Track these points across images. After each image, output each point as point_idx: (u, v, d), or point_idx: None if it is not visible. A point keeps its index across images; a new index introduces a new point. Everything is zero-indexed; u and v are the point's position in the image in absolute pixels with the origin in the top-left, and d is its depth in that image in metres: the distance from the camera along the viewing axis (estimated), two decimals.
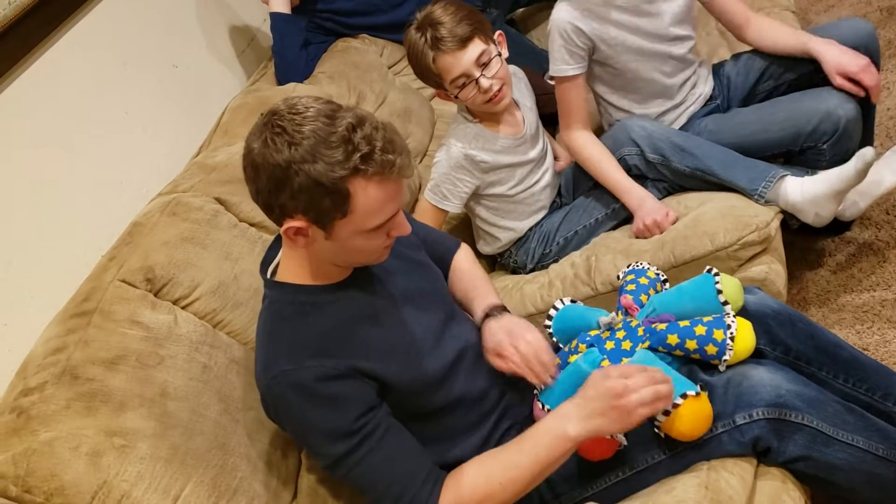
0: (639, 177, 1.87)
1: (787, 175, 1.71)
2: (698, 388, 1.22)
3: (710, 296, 1.36)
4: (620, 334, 1.38)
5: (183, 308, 1.47)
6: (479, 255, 2.01)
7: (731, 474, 1.24)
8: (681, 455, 1.27)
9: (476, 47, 1.73)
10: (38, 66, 1.69)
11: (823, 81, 1.83)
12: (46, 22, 1.73)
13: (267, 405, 1.27)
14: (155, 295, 1.45)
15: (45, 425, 1.20)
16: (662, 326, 1.34)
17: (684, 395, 1.21)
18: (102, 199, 1.74)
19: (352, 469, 1.20)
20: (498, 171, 1.90)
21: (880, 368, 1.41)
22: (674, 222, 1.77)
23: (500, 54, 1.79)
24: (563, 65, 1.87)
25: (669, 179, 1.85)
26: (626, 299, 1.45)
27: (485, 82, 1.75)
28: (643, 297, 1.45)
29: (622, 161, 1.87)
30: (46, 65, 1.71)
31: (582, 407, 1.17)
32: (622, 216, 1.89)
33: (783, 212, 1.72)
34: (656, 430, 1.26)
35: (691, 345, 1.31)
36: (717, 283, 1.36)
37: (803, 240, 2.03)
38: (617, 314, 1.43)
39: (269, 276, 1.32)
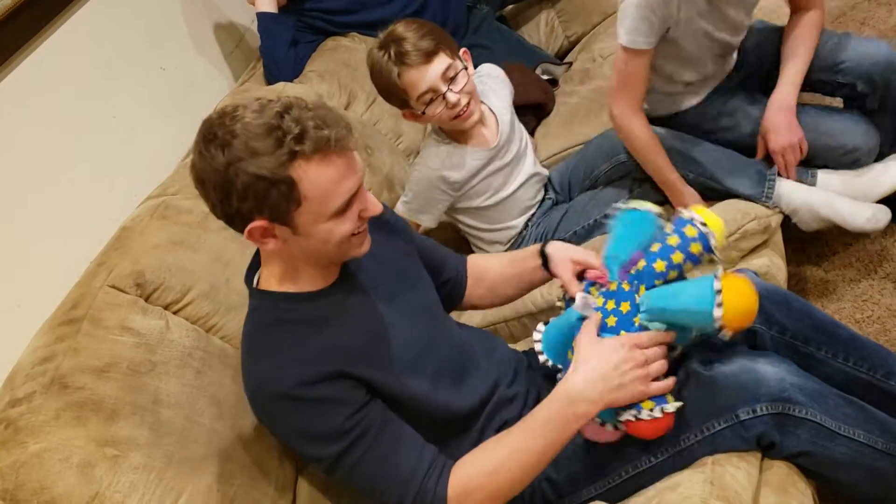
0: (642, 180, 1.86)
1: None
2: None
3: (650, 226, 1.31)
4: (610, 304, 1.27)
5: (174, 313, 1.45)
6: None
7: (737, 469, 1.22)
8: (684, 452, 1.25)
9: (442, 61, 1.71)
10: (22, 69, 1.67)
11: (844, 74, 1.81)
12: (30, 25, 1.71)
13: (256, 413, 1.25)
14: (146, 300, 1.43)
15: (35, 436, 1.17)
16: (642, 263, 1.26)
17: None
18: (90, 204, 1.72)
19: (351, 470, 1.17)
20: (474, 187, 1.89)
21: (880, 349, 1.38)
22: None
23: (465, 69, 1.77)
24: (638, 36, 1.68)
25: None
26: (593, 272, 1.34)
27: (452, 97, 1.73)
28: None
29: (622, 165, 1.85)
30: (31, 69, 1.69)
31: (596, 384, 1.16)
32: None
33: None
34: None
35: (677, 257, 1.24)
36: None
37: (802, 231, 2.02)
38: (591, 291, 1.32)
39: (254, 284, 1.29)
